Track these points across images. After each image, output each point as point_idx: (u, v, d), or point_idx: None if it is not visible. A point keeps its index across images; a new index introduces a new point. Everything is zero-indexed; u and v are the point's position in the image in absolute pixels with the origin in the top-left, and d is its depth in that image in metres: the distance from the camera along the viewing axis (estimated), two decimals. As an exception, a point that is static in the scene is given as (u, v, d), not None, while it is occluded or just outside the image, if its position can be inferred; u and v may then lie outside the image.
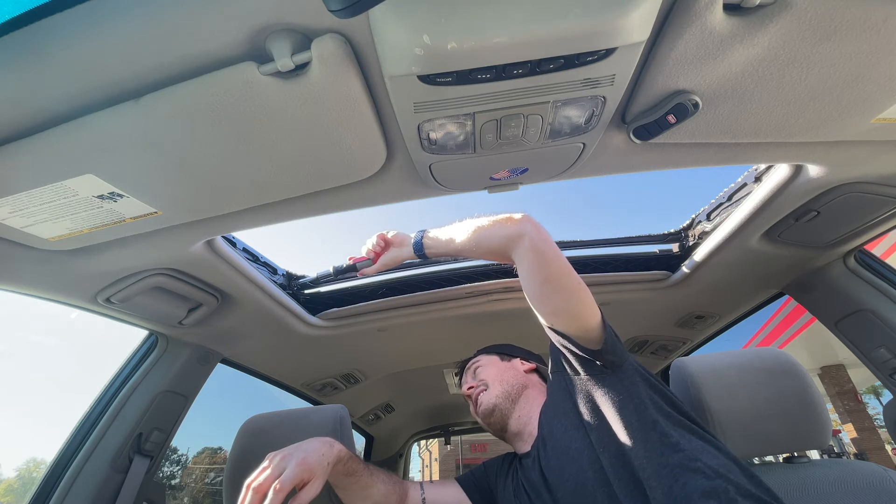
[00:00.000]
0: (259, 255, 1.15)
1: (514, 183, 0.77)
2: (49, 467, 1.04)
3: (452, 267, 1.39)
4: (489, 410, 0.87)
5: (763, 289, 1.33)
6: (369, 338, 1.52)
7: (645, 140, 0.63)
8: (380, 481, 0.81)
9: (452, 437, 3.08)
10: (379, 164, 0.67)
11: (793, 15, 0.47)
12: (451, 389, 2.18)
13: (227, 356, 1.38)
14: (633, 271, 1.33)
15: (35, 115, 0.51)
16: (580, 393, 0.73)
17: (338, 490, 0.79)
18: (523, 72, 0.49)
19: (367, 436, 2.59)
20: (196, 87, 0.49)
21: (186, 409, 1.25)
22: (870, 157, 0.76)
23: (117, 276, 0.90)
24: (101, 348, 21.49)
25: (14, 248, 0.73)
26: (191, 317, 1.08)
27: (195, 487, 4.26)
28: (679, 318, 1.52)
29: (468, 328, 1.48)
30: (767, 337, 5.34)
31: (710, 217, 1.18)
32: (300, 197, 0.73)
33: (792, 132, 0.67)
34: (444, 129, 0.60)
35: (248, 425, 0.99)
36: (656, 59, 0.52)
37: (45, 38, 0.43)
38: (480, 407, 0.89)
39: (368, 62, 0.50)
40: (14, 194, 0.60)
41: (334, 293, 1.40)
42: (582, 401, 0.72)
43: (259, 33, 0.46)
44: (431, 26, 0.43)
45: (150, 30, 0.44)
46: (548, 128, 0.61)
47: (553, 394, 0.81)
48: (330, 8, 0.36)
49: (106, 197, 0.63)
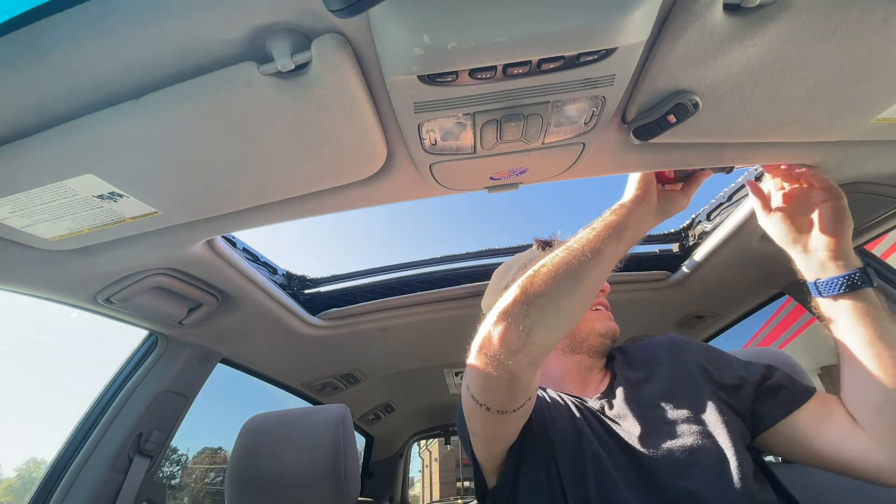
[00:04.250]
0: (259, 255, 1.16)
1: (514, 183, 0.77)
2: (49, 467, 1.04)
3: (452, 267, 1.40)
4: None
5: (763, 289, 1.33)
6: (369, 338, 1.53)
7: (645, 140, 0.63)
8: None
9: (452, 437, 3.09)
10: (379, 164, 0.67)
11: (793, 15, 0.47)
12: (451, 389, 2.18)
13: (227, 356, 1.39)
14: (633, 271, 1.33)
15: (35, 115, 0.51)
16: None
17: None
18: (523, 72, 0.49)
19: (367, 436, 2.59)
20: (196, 86, 0.49)
21: (186, 409, 1.25)
22: (870, 157, 0.76)
23: (117, 276, 0.90)
24: (100, 348, 21.39)
25: (14, 248, 0.73)
26: (191, 317, 1.08)
27: (195, 487, 4.26)
28: (679, 318, 1.53)
29: (468, 328, 1.47)
30: (767, 337, 5.33)
31: (710, 217, 1.18)
32: (300, 197, 0.73)
33: (792, 132, 0.66)
34: (444, 129, 0.60)
35: (249, 425, 0.99)
36: (656, 59, 0.52)
37: (45, 38, 0.43)
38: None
39: (368, 62, 0.50)
40: (14, 194, 0.60)
41: (334, 293, 1.40)
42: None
43: (259, 33, 0.46)
44: (431, 26, 0.43)
45: (150, 29, 0.44)
46: (548, 128, 0.61)
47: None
48: (330, 8, 0.36)
49: (106, 197, 0.63)
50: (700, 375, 0.74)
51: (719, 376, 0.75)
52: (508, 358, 0.58)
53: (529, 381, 0.62)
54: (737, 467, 0.61)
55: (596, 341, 0.83)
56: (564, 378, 0.85)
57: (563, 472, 0.66)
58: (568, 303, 0.61)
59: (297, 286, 1.34)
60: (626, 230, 0.67)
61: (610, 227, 0.66)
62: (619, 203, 0.72)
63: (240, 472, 0.92)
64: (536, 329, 0.58)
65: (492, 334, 0.60)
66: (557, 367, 0.86)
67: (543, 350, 0.61)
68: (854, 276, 0.65)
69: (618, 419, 0.72)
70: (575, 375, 0.84)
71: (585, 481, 0.64)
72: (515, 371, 0.59)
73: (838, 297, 0.66)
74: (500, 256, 1.37)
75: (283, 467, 0.91)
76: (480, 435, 0.69)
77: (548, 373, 0.86)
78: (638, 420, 0.70)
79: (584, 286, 0.62)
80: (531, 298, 0.60)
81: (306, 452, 0.92)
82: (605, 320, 0.85)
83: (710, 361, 0.78)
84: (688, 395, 0.71)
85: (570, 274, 0.61)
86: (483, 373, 0.60)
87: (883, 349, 0.61)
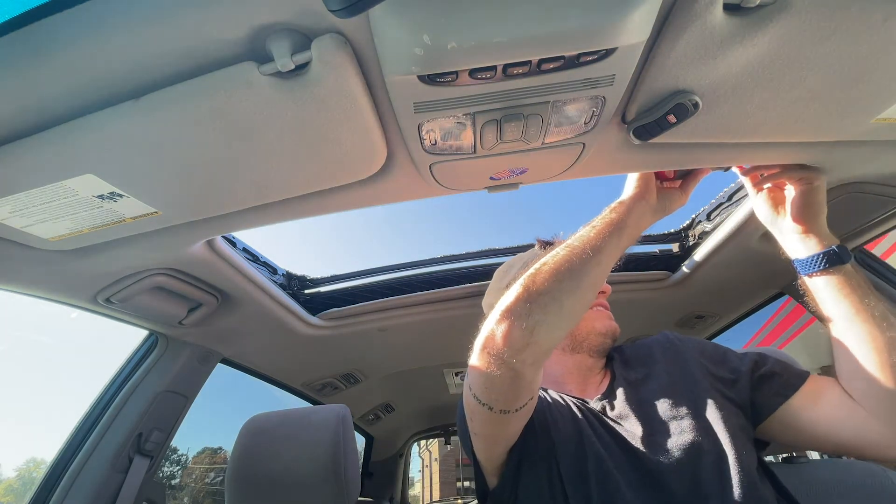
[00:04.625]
0: (259, 255, 1.16)
1: (514, 183, 0.77)
2: (49, 467, 1.04)
3: (452, 267, 1.40)
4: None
5: (763, 289, 1.33)
6: (369, 338, 1.53)
7: (645, 140, 0.63)
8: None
9: (452, 437, 3.09)
10: (379, 164, 0.67)
11: (793, 15, 0.47)
12: (451, 389, 2.18)
13: (227, 356, 1.39)
14: (633, 271, 1.33)
15: (35, 115, 0.51)
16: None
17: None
18: (523, 72, 0.49)
19: (367, 436, 2.60)
20: (196, 86, 0.49)
21: (186, 409, 1.25)
22: (870, 157, 0.76)
23: (117, 276, 0.90)
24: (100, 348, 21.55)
25: (14, 248, 0.73)
26: (191, 317, 1.08)
27: (195, 487, 4.26)
28: (679, 318, 1.53)
29: (468, 328, 1.47)
30: (767, 337, 5.33)
31: (710, 217, 1.18)
32: (300, 197, 0.73)
33: (792, 132, 0.66)
34: (444, 129, 0.60)
35: (250, 425, 0.99)
36: (656, 59, 0.52)
37: (45, 38, 0.43)
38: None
39: (368, 62, 0.50)
40: (14, 194, 0.60)
41: (334, 293, 1.40)
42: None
43: (259, 33, 0.46)
44: (431, 26, 0.43)
45: (150, 29, 0.44)
46: (548, 128, 0.61)
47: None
48: (330, 8, 0.36)
49: (106, 197, 0.63)
50: (698, 371, 0.75)
51: (716, 370, 0.76)
52: (512, 356, 0.58)
53: (533, 380, 0.62)
54: (737, 464, 0.61)
55: (596, 340, 0.83)
56: (565, 378, 0.85)
57: (565, 474, 0.66)
58: (570, 301, 0.61)
59: (297, 286, 1.34)
60: (626, 228, 0.68)
61: (610, 225, 0.67)
62: (619, 201, 0.72)
63: (240, 471, 0.92)
64: (540, 327, 0.58)
65: (495, 333, 0.60)
66: (558, 367, 0.86)
67: (547, 348, 0.61)
68: (831, 252, 0.68)
69: (619, 420, 0.72)
70: (575, 375, 0.84)
71: (587, 482, 0.64)
72: (519, 369, 0.59)
73: (820, 273, 0.68)
74: (500, 256, 1.37)
75: (283, 467, 0.90)
76: (482, 435, 0.70)
77: (548, 372, 0.86)
78: (640, 420, 0.70)
79: (586, 284, 0.62)
80: (534, 296, 0.60)
81: (306, 452, 0.92)
82: (606, 320, 0.85)
83: (705, 356, 0.78)
84: (687, 392, 0.72)
85: (572, 272, 0.62)
86: (486, 372, 0.60)
87: (867, 319, 0.63)
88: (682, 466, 0.63)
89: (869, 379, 0.62)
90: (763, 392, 0.71)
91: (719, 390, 0.72)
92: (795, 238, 0.72)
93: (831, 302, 0.67)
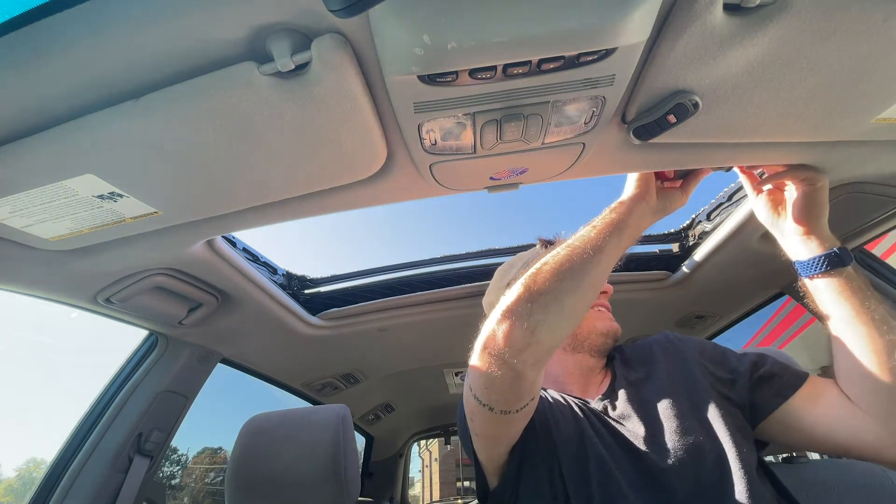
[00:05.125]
0: (259, 255, 1.16)
1: (514, 183, 0.77)
2: (49, 467, 1.04)
3: (452, 267, 1.40)
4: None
5: (763, 289, 1.33)
6: (369, 338, 1.53)
7: (645, 140, 0.63)
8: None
9: (452, 437, 3.09)
10: (379, 164, 0.67)
11: (793, 15, 0.47)
12: (451, 389, 2.18)
13: (227, 356, 1.39)
14: (633, 271, 1.33)
15: (35, 115, 0.51)
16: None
17: None
18: (523, 72, 0.49)
19: (367, 436, 2.60)
20: (196, 86, 0.49)
21: (186, 409, 1.25)
22: (870, 157, 0.76)
23: (117, 276, 0.90)
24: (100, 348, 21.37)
25: (14, 248, 0.73)
26: (191, 317, 1.08)
27: (195, 487, 4.26)
28: (679, 318, 1.53)
29: (468, 328, 1.48)
30: (767, 337, 5.33)
31: (710, 217, 1.18)
32: (300, 197, 0.73)
33: (792, 132, 0.66)
34: (444, 129, 0.60)
35: (250, 424, 0.99)
36: (656, 59, 0.52)
37: (45, 38, 0.43)
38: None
39: (368, 62, 0.50)
40: (14, 194, 0.60)
41: (334, 293, 1.40)
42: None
43: (259, 33, 0.46)
44: (431, 26, 0.43)
45: (150, 29, 0.44)
46: (548, 128, 0.61)
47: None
48: (330, 8, 0.36)
49: (106, 197, 0.63)
50: (698, 371, 0.75)
51: (716, 370, 0.76)
52: (513, 356, 0.58)
53: (534, 381, 0.62)
54: (738, 464, 0.61)
55: (597, 340, 0.83)
56: (565, 378, 0.85)
57: (567, 474, 0.66)
58: (571, 301, 0.61)
59: (297, 286, 1.34)
60: (626, 227, 0.68)
61: (611, 225, 0.67)
62: (619, 201, 0.72)
63: (240, 472, 0.92)
64: (541, 327, 0.58)
65: (496, 332, 0.59)
66: (558, 367, 0.85)
67: (548, 348, 0.61)
68: (833, 254, 0.67)
69: (621, 420, 0.72)
70: (576, 375, 0.84)
71: (589, 483, 0.64)
72: (520, 370, 0.59)
73: (821, 275, 0.68)
74: (500, 256, 1.37)
75: (283, 467, 0.90)
76: (482, 436, 0.69)
77: (549, 372, 0.86)
78: (641, 420, 0.70)
79: (587, 283, 0.62)
80: (535, 296, 0.60)
81: (306, 452, 0.92)
82: (607, 320, 0.85)
83: (705, 356, 0.78)
84: (687, 392, 0.72)
85: (573, 271, 0.61)
86: (487, 372, 0.60)
87: (866, 322, 0.63)
88: (683, 467, 0.63)
89: (867, 381, 0.62)
90: (762, 392, 0.71)
91: (719, 390, 0.72)
92: (797, 239, 0.72)
93: (832, 304, 0.67)
